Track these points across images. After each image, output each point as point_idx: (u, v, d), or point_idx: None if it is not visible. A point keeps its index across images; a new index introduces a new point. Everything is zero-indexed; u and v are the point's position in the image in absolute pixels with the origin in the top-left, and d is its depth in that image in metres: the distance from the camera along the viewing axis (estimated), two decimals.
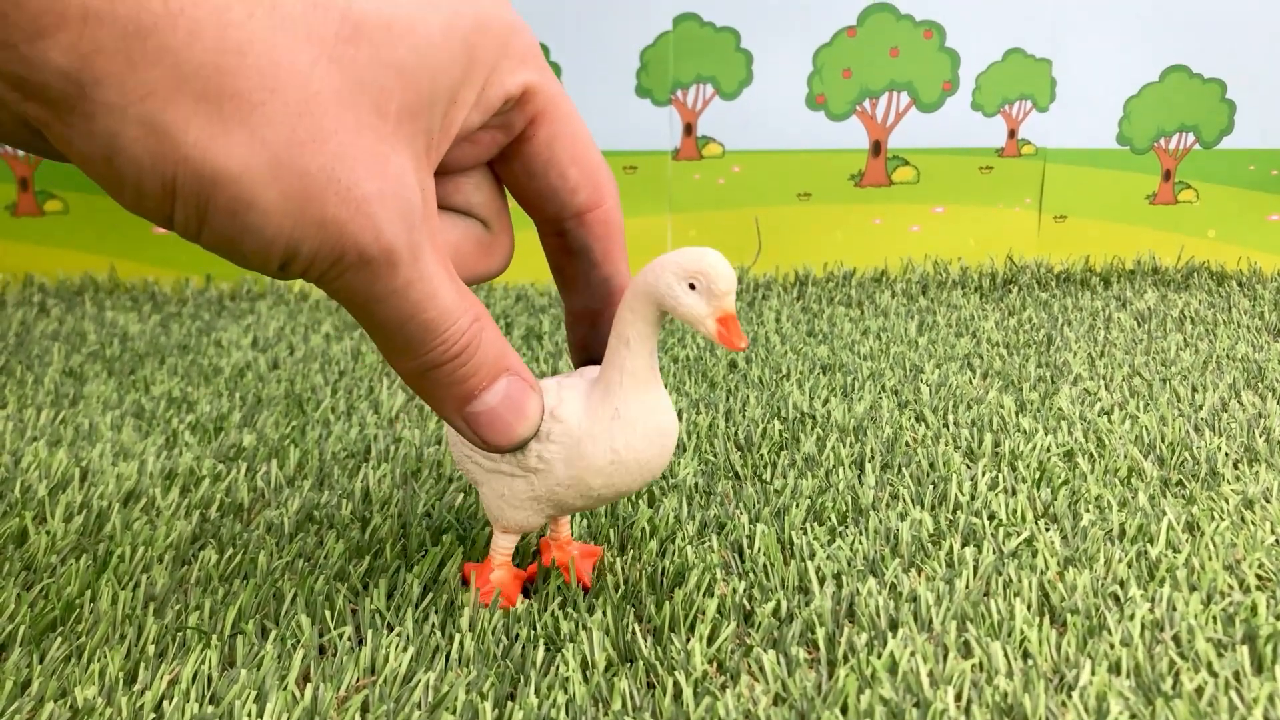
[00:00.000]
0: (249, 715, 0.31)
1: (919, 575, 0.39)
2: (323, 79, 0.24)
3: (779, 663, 0.34)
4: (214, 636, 0.35)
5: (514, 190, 0.34)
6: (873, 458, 0.51)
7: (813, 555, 0.41)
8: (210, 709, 0.31)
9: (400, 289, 0.28)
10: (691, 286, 0.32)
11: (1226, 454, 0.51)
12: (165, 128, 0.23)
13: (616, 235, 0.35)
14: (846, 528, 0.43)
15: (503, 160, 0.33)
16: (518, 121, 0.31)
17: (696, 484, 0.48)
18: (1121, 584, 0.38)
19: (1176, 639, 0.35)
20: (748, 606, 0.37)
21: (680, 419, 0.56)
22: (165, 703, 0.32)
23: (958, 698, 0.32)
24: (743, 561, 0.41)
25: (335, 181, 0.25)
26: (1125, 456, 0.51)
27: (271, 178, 0.24)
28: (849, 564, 0.40)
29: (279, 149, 0.24)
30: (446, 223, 0.33)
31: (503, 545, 0.38)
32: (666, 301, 0.33)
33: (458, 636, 0.35)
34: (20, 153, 0.89)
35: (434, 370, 0.30)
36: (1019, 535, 0.42)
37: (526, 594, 0.38)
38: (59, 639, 0.35)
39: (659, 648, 0.34)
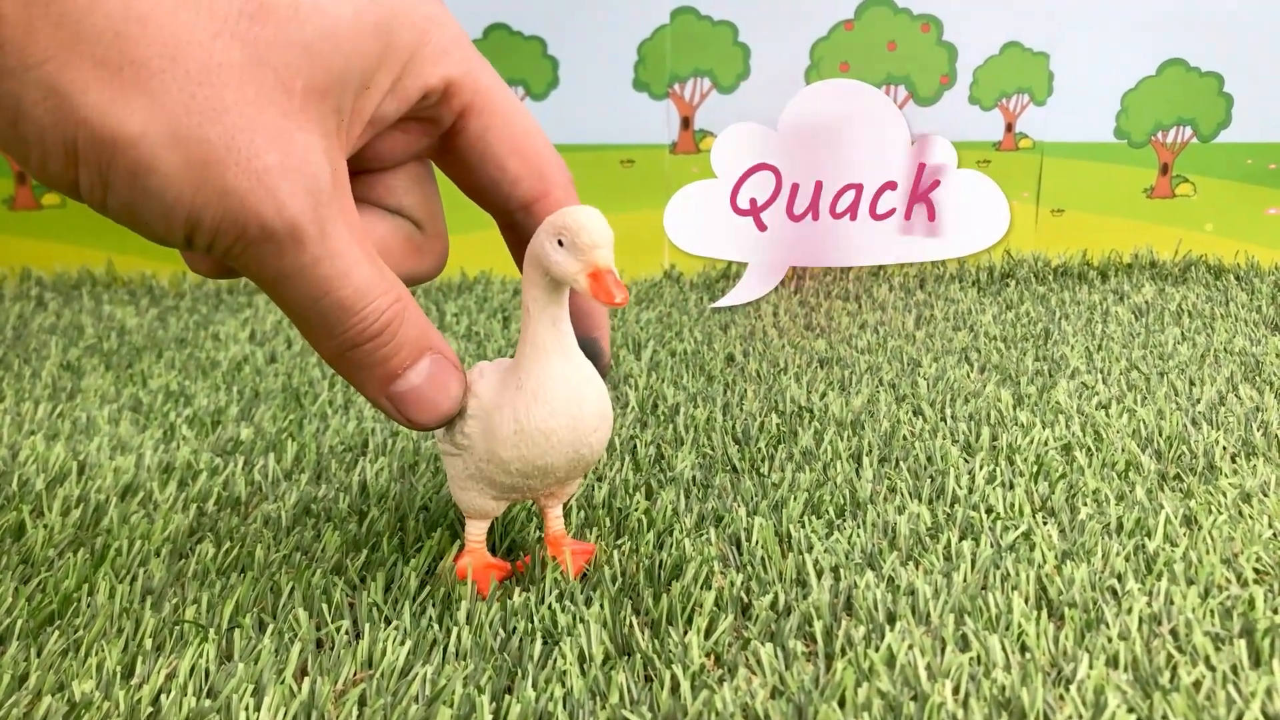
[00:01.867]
0: (246, 709, 0.31)
1: (917, 568, 0.39)
2: (224, 52, 0.25)
3: (776, 655, 0.34)
4: (211, 630, 0.35)
5: (459, 184, 0.34)
6: (870, 451, 0.51)
7: (810, 548, 0.41)
8: (208, 702, 0.31)
9: (309, 265, 0.28)
10: (561, 244, 0.32)
11: (1224, 448, 0.51)
12: (64, 91, 0.24)
13: None
14: (844, 521, 0.43)
15: (443, 154, 0.33)
16: (445, 116, 0.31)
17: (694, 477, 0.48)
18: (1119, 578, 0.38)
19: (1174, 633, 0.35)
20: (745, 599, 0.37)
21: (678, 412, 0.56)
22: (163, 696, 0.32)
23: (955, 691, 0.32)
24: (740, 554, 0.41)
25: (235, 151, 0.25)
26: (1123, 450, 0.51)
27: (171, 143, 0.25)
28: (847, 557, 0.40)
29: (178, 116, 0.25)
30: (374, 216, 0.33)
31: (471, 532, 0.38)
32: (544, 263, 0.32)
33: (455, 630, 0.35)
34: None
35: (353, 350, 0.30)
36: (1016, 529, 0.42)
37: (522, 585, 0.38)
38: (56, 632, 0.35)
39: (656, 640, 0.34)
